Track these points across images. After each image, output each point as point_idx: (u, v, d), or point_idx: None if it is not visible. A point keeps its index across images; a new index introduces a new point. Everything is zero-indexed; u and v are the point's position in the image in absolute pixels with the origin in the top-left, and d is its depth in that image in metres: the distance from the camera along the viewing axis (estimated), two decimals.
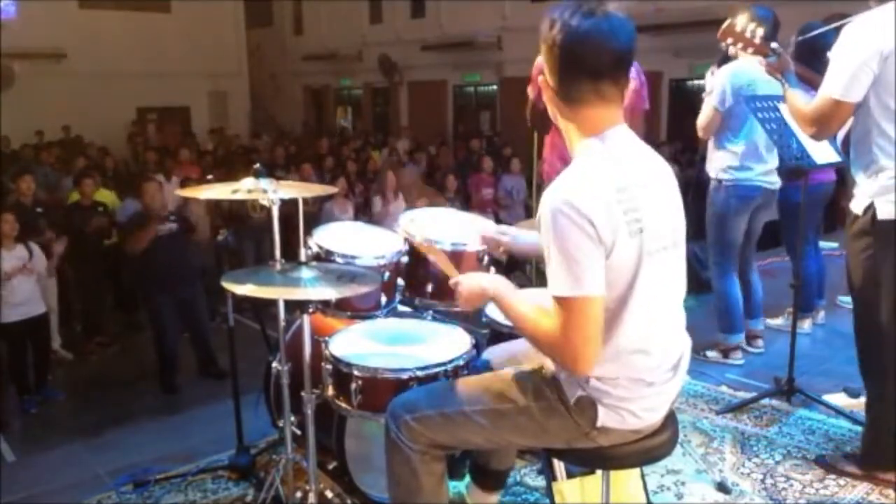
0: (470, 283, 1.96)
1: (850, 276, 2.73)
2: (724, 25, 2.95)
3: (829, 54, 2.56)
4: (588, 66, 1.68)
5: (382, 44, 19.41)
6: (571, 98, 1.73)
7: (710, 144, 3.97)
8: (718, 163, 3.85)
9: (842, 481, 2.83)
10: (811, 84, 2.86)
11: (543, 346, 1.73)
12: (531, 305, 1.78)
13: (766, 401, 3.52)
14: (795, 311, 3.54)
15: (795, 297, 3.54)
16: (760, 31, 2.91)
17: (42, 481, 3.20)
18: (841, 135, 3.19)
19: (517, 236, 2.36)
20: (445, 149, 13.26)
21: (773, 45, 2.89)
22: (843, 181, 4.95)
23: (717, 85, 3.72)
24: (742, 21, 2.93)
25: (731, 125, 3.76)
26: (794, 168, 3.41)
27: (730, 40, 2.96)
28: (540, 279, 2.82)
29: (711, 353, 4.04)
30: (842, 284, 4.98)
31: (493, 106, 17.91)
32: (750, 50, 2.93)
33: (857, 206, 2.64)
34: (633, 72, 3.38)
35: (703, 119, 3.83)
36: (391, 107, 20.57)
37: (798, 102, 2.73)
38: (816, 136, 2.77)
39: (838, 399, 3.44)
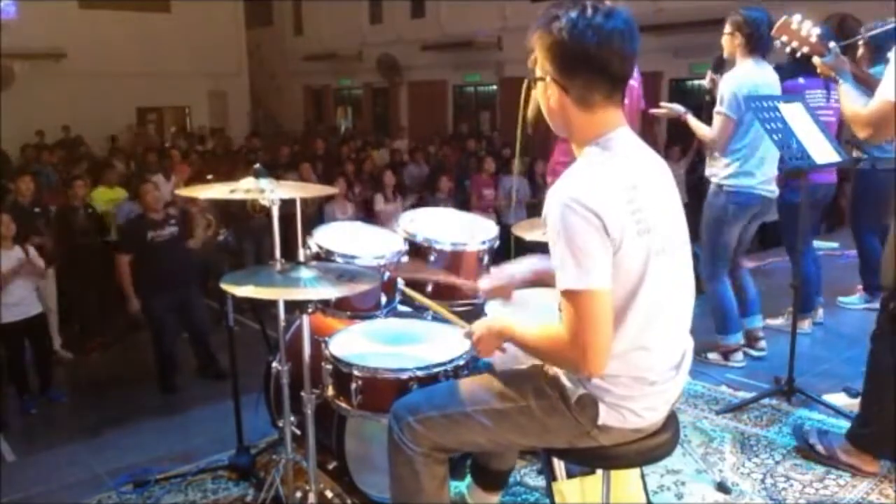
0: (480, 330, 1.96)
1: (884, 273, 2.73)
2: (780, 22, 2.93)
3: (889, 55, 2.52)
4: (612, 68, 1.66)
5: (382, 44, 19.41)
6: (587, 100, 1.70)
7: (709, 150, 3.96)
8: (720, 168, 3.81)
9: (841, 481, 2.83)
10: (867, 86, 2.82)
11: (556, 353, 1.72)
12: (537, 325, 1.79)
13: (766, 401, 3.52)
14: (795, 312, 3.54)
15: (795, 297, 3.54)
16: (817, 30, 2.88)
17: (42, 481, 3.20)
18: None
19: (513, 273, 2.31)
20: (448, 149, 13.24)
21: (831, 44, 2.87)
22: (844, 182, 4.97)
23: (724, 93, 3.69)
24: (797, 18, 2.90)
25: (737, 131, 3.73)
26: (794, 168, 3.40)
27: (784, 38, 2.93)
28: None
29: (712, 356, 4.03)
30: (842, 285, 5.03)
31: (493, 106, 17.91)
32: (805, 48, 2.90)
33: None
34: (636, 72, 3.38)
35: (716, 131, 3.74)
36: (391, 107, 20.57)
37: (853, 103, 2.69)
38: (872, 139, 2.74)
39: (838, 399, 3.44)
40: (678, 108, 3.91)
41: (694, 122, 3.89)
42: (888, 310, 2.71)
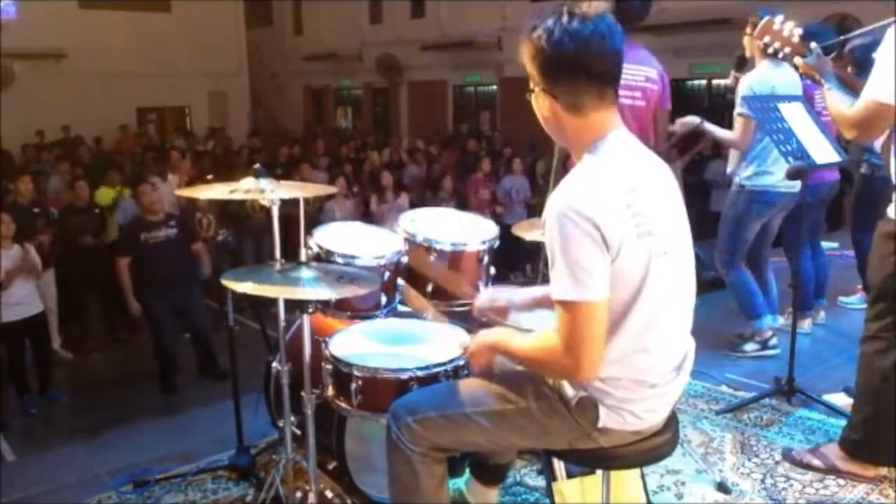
0: (475, 345, 1.99)
1: (871, 273, 2.72)
2: (762, 23, 2.92)
3: (874, 55, 2.50)
4: (595, 70, 1.66)
5: (382, 44, 19.41)
6: (577, 105, 1.70)
7: (732, 149, 3.96)
8: (742, 167, 3.84)
9: (841, 481, 2.82)
10: (851, 87, 2.80)
11: (550, 361, 1.72)
12: (530, 337, 1.80)
13: (766, 401, 3.52)
14: (795, 312, 3.54)
15: (794, 297, 3.54)
16: (799, 31, 2.88)
17: (42, 481, 3.20)
18: (879, 142, 3.15)
19: (512, 298, 2.33)
20: (447, 149, 13.24)
21: (812, 44, 2.87)
22: (847, 180, 4.96)
23: (742, 93, 3.71)
24: (780, 19, 2.90)
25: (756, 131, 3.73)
26: (795, 168, 3.40)
27: (767, 38, 2.93)
28: (540, 281, 2.80)
29: (749, 347, 4.03)
30: (842, 285, 5.02)
31: (493, 106, 17.92)
32: (787, 49, 2.89)
33: (892, 210, 2.63)
34: (656, 73, 3.39)
35: (739, 133, 3.75)
36: (391, 107, 20.57)
37: (839, 104, 2.67)
38: (859, 139, 2.74)
39: (838, 399, 3.44)
40: (693, 119, 3.89)
41: (711, 127, 3.88)
42: (877, 309, 2.69)
